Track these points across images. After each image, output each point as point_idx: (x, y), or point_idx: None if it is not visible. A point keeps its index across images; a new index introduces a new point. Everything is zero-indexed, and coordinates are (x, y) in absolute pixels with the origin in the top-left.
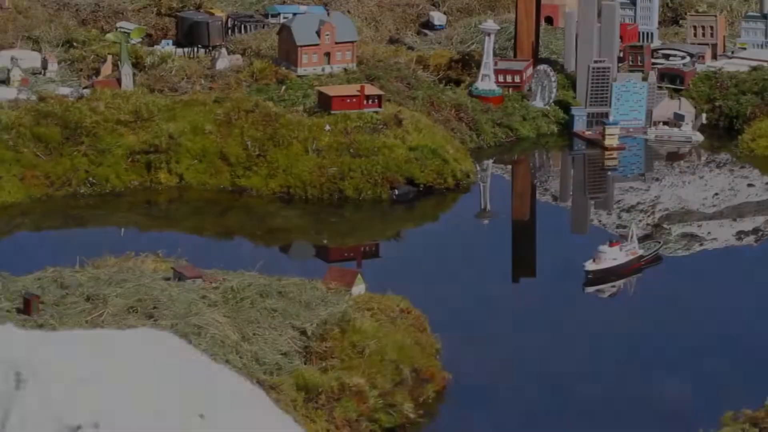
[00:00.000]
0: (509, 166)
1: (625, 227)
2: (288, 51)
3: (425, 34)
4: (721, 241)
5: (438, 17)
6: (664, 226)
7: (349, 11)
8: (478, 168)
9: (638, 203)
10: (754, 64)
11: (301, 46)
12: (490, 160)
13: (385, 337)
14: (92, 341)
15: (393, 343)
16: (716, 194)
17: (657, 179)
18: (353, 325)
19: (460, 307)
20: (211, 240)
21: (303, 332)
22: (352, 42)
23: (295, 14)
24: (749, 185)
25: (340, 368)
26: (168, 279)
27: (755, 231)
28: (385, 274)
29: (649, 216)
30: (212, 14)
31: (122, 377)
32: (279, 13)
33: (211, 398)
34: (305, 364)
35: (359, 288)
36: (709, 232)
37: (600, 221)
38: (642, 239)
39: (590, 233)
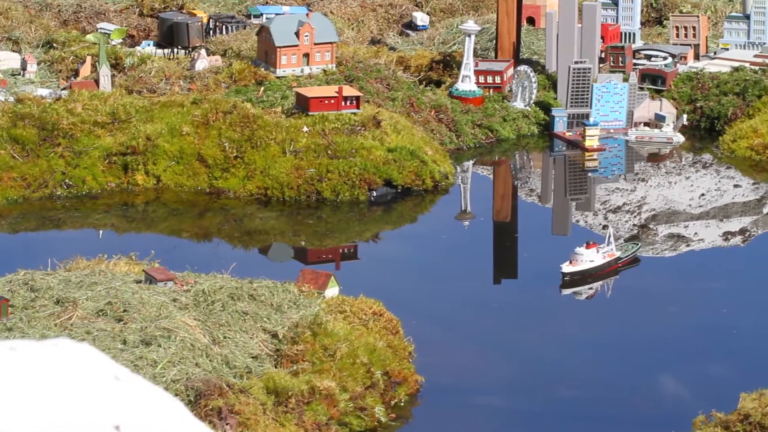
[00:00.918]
0: (490, 167)
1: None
2: (267, 52)
3: (408, 35)
4: (707, 242)
5: (421, 18)
6: (651, 226)
7: (331, 12)
8: (459, 169)
9: (624, 204)
10: (735, 64)
11: (279, 47)
12: (471, 162)
13: (357, 340)
14: (2, 353)
15: (365, 346)
16: (702, 195)
17: (643, 180)
18: (325, 328)
19: (436, 309)
20: (187, 242)
21: (274, 335)
22: (331, 43)
23: (277, 15)
24: (735, 186)
25: (310, 371)
26: (139, 282)
27: (742, 231)
28: (360, 276)
29: (635, 217)
30: (194, 15)
31: (30, 389)
32: (261, 14)
33: (127, 411)
34: (276, 367)
35: (333, 290)
36: (695, 233)
37: (586, 222)
38: (629, 240)
39: (577, 234)
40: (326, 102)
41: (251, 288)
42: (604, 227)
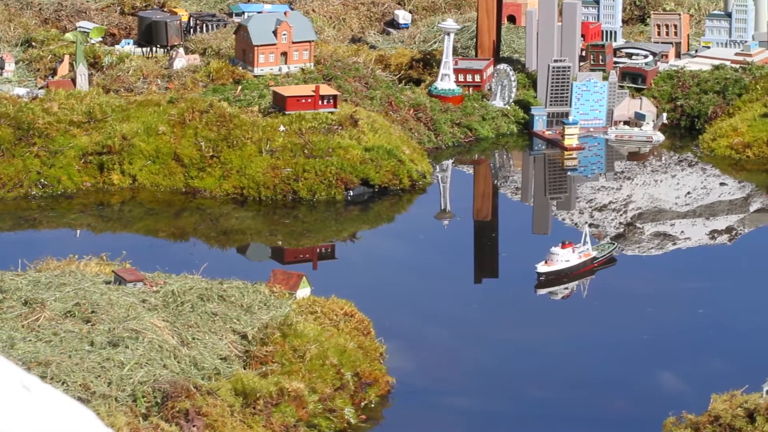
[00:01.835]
0: (470, 166)
1: (597, 227)
2: (245, 51)
3: (390, 33)
4: (694, 240)
5: (403, 16)
6: (637, 225)
7: (313, 10)
8: (438, 168)
9: (610, 202)
10: (716, 63)
11: (257, 46)
12: (450, 161)
13: (327, 341)
14: None
15: (335, 347)
16: (688, 193)
17: (629, 178)
18: (295, 329)
19: (410, 310)
20: (162, 242)
21: (244, 336)
22: (309, 41)
23: (259, 13)
24: (722, 184)
25: (280, 373)
26: (109, 283)
27: (729, 230)
28: (335, 276)
29: (621, 215)
30: (175, 13)
31: None
32: (243, 12)
33: (33, 420)
34: (245, 368)
35: (304, 291)
36: (682, 231)
37: (572, 220)
38: (615, 238)
39: (564, 233)
40: (303, 101)
41: (221, 289)
42: (591, 225)
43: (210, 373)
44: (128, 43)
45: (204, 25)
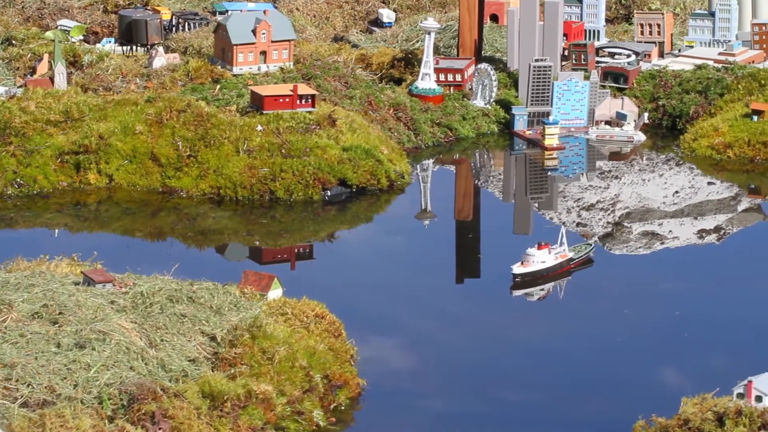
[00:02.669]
0: (451, 166)
1: (585, 226)
2: (224, 50)
3: (373, 32)
4: (682, 240)
5: (387, 14)
6: (625, 224)
7: (297, 9)
8: (418, 168)
9: (598, 202)
10: (699, 62)
11: (236, 45)
12: (431, 160)
13: (297, 343)
14: None
15: (304, 349)
16: (676, 192)
17: (616, 177)
18: (264, 330)
19: (384, 311)
20: (138, 242)
21: (213, 338)
22: (288, 40)
23: (242, 11)
24: (709, 183)
25: (248, 375)
26: (78, 284)
27: (717, 229)
28: (310, 277)
29: (609, 214)
30: (157, 12)
31: None
32: (227, 11)
33: None
34: (213, 370)
35: (276, 292)
36: (670, 231)
37: (560, 219)
38: (603, 238)
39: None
40: (281, 100)
41: (191, 290)
42: (579, 225)
43: (177, 375)
44: (109, 42)
45: (186, 23)
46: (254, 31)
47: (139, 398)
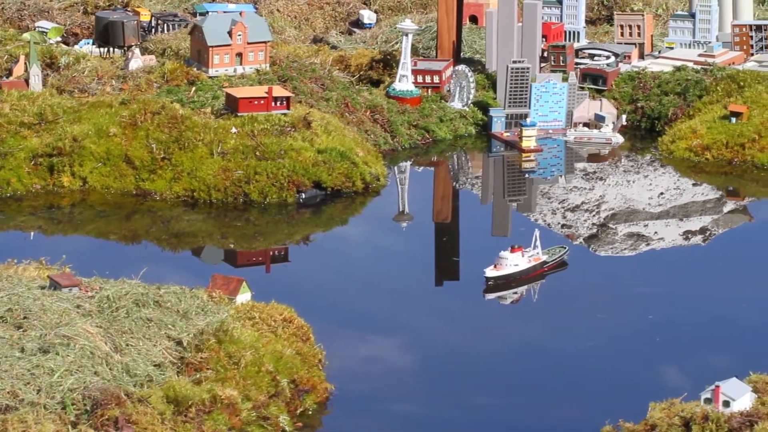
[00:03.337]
0: (428, 168)
1: (570, 227)
2: (200, 51)
3: (353, 33)
4: (668, 241)
5: (368, 15)
6: (610, 225)
7: (278, 10)
8: (396, 170)
9: (583, 203)
10: (679, 64)
11: (212, 47)
12: (408, 162)
13: (264, 348)
14: None
15: (271, 354)
16: (661, 194)
17: (601, 178)
18: (231, 335)
19: (358, 315)
20: (111, 244)
21: (179, 342)
22: (265, 42)
23: (224, 12)
24: (694, 184)
25: (214, 380)
26: (44, 288)
27: (702, 231)
28: (282, 280)
29: (594, 216)
30: (137, 13)
31: None
32: (207, 12)
33: None
34: (179, 375)
35: (244, 296)
36: (655, 232)
37: (545, 221)
38: (589, 239)
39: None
40: (256, 102)
41: (157, 294)
42: (564, 227)
43: (142, 380)
44: (87, 43)
45: (165, 25)
46: (230, 33)
47: (103, 403)
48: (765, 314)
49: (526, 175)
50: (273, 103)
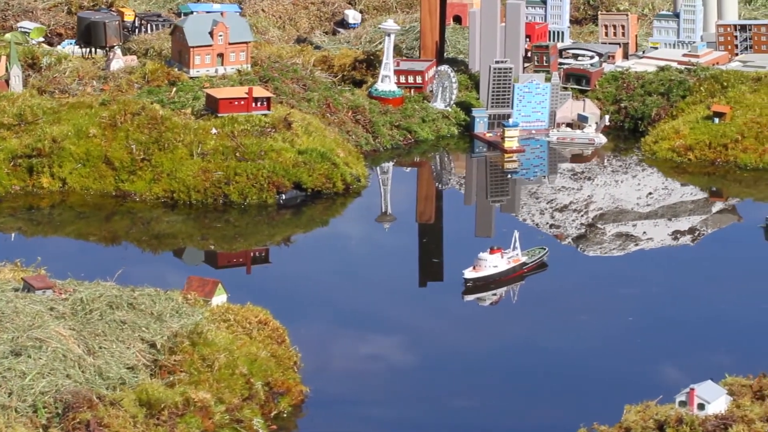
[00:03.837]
0: (410, 169)
1: (558, 227)
2: (180, 52)
3: (338, 33)
4: (657, 241)
5: (353, 15)
6: (598, 225)
7: (263, 10)
8: (378, 171)
9: (571, 203)
10: (662, 64)
11: (193, 47)
12: (390, 163)
13: (238, 350)
14: None
15: (245, 356)
16: (650, 194)
17: (589, 178)
18: (205, 337)
19: (337, 317)
20: (91, 246)
21: (152, 345)
22: (246, 42)
23: (209, 12)
24: (683, 185)
25: (187, 383)
26: (18, 290)
27: (691, 231)
28: (264, 282)
29: (582, 216)
30: (121, 13)
31: None
32: (192, 12)
33: None
34: (152, 378)
35: (220, 298)
36: (644, 232)
37: (533, 221)
38: (576, 239)
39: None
40: (236, 103)
41: (132, 296)
42: (557, 227)
43: (115, 383)
44: (70, 44)
45: (149, 25)
46: (211, 33)
47: (75, 407)
48: (746, 316)
49: (509, 176)
50: (253, 104)
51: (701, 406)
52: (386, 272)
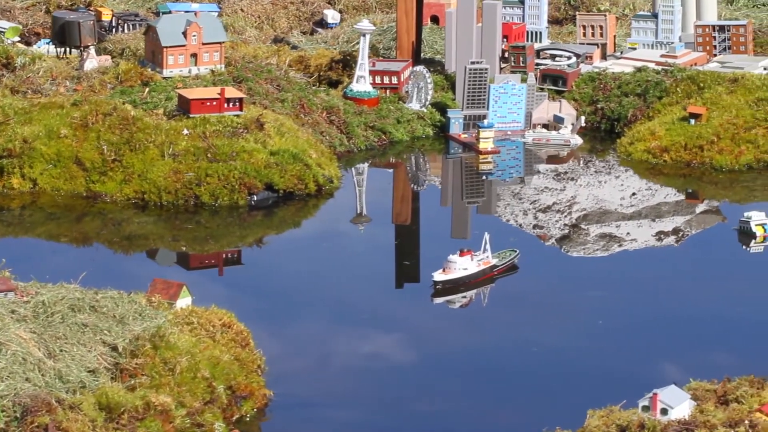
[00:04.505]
0: (384, 170)
1: (542, 228)
2: (154, 52)
3: (317, 32)
4: (641, 242)
5: (332, 15)
6: (582, 226)
7: (242, 9)
8: (354, 172)
9: (554, 203)
10: (640, 65)
11: (166, 47)
12: (366, 164)
13: (201, 354)
14: None
15: (208, 360)
16: (633, 194)
17: (572, 179)
18: (167, 340)
19: (306, 319)
20: (62, 247)
21: (114, 348)
22: (219, 43)
23: (187, 11)
24: (663, 186)
25: (148, 386)
26: None
27: (675, 231)
28: (226, 285)
29: (565, 216)
30: (100, 13)
31: None
32: (170, 11)
33: None
34: (113, 381)
35: (185, 301)
36: (628, 233)
37: (516, 221)
38: (561, 240)
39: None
40: (208, 104)
41: (94, 299)
42: (540, 227)
43: (75, 386)
44: (46, 43)
45: (126, 24)
46: (185, 34)
47: (33, 410)
48: (715, 319)
49: (484, 177)
50: (225, 105)
51: (664, 411)
52: (358, 275)
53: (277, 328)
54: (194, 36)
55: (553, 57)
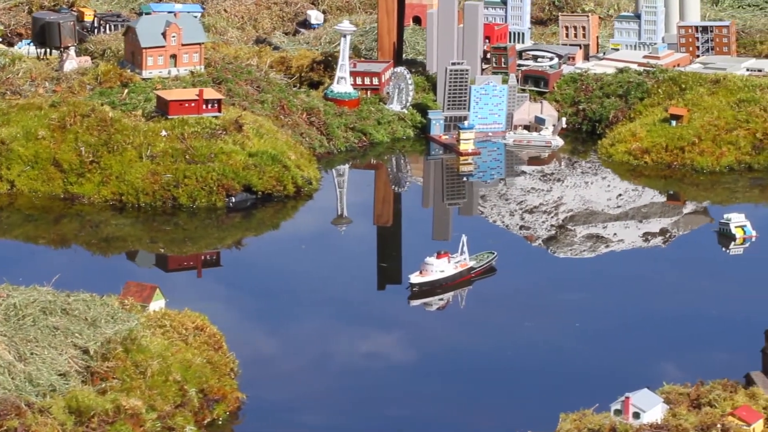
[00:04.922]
0: (365, 172)
1: (528, 228)
2: (133, 53)
3: (300, 33)
4: (627, 243)
5: (315, 16)
6: (569, 227)
7: (225, 10)
8: (334, 173)
9: (541, 204)
10: (622, 65)
11: (145, 48)
12: (346, 165)
13: (173, 357)
14: None
15: (180, 363)
16: (620, 195)
17: (559, 180)
18: (139, 343)
19: (281, 323)
20: (40, 249)
21: (85, 351)
22: (199, 44)
23: (170, 12)
24: (644, 188)
25: (119, 389)
26: None
27: (663, 232)
28: (203, 287)
29: (552, 217)
30: (82, 13)
31: None
32: (153, 12)
33: None
34: (84, 384)
35: (158, 303)
36: (614, 234)
37: (503, 222)
38: (548, 240)
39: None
40: (186, 105)
41: (66, 302)
42: (523, 228)
43: (45, 389)
44: (27, 44)
45: (108, 25)
46: (164, 34)
47: (2, 414)
48: (691, 321)
49: (465, 179)
50: (204, 106)
51: (636, 415)
52: (343, 276)
53: (254, 330)
54: (174, 37)
55: (535, 58)
